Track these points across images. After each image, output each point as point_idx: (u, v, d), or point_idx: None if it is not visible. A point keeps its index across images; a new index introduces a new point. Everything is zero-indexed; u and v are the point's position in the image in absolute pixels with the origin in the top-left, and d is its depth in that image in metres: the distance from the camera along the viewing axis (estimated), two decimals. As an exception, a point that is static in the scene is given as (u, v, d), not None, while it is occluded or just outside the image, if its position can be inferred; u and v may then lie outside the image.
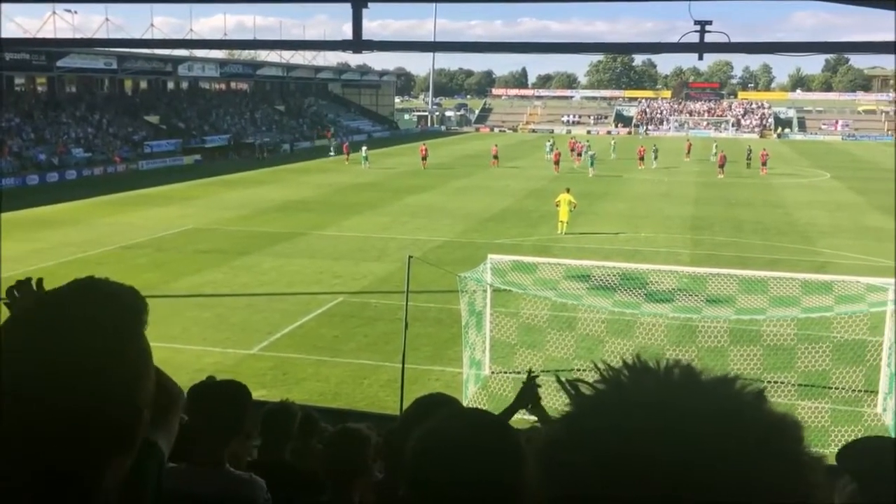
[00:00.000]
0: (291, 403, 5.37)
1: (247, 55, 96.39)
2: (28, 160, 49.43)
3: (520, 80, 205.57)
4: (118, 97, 68.58)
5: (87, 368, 1.21)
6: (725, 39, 8.20)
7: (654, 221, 33.55)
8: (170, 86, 76.36)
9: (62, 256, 25.38)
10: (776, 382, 14.29)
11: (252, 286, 22.40)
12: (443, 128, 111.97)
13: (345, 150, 59.30)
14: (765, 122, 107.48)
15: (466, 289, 15.10)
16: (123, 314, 1.30)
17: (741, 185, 46.71)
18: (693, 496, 0.78)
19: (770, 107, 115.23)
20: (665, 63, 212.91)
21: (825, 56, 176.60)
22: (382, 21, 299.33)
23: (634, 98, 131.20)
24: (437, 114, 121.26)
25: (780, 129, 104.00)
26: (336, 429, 4.21)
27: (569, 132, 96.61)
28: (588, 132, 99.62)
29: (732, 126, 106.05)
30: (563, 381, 0.91)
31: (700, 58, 8.91)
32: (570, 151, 59.79)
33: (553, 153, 55.97)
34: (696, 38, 8.13)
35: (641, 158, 57.01)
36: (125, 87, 71.21)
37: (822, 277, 16.30)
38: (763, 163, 54.54)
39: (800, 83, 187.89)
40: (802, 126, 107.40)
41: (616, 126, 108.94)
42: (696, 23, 8.11)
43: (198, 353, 16.55)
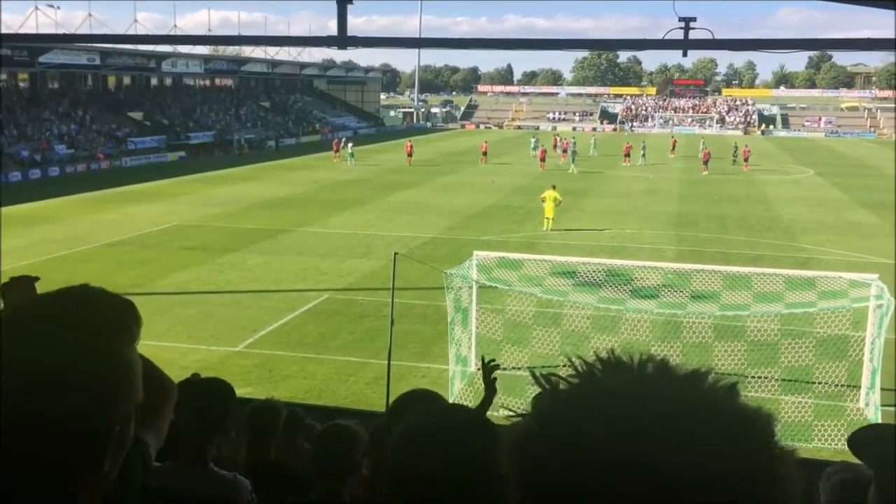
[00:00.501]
0: (276, 401, 5.36)
1: (231, 51, 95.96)
2: (10, 157, 48.99)
3: (505, 77, 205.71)
4: (101, 93, 68.11)
5: (51, 378, 1.17)
6: (709, 36, 8.25)
7: (639, 218, 33.67)
8: (153, 82, 75.91)
9: (46, 254, 25.19)
10: (760, 378, 14.40)
11: (237, 283, 22.32)
12: (428, 124, 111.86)
13: (334, 147, 58.97)
14: (749, 119, 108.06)
15: (452, 285, 15.11)
16: (107, 324, 1.27)
17: (725, 182, 46.94)
18: (664, 487, 0.79)
19: (754, 104, 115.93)
20: (650, 60, 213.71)
21: (809, 53, 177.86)
22: (368, 17, 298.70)
23: (619, 95, 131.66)
24: (423, 110, 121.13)
25: (764, 126, 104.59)
26: (326, 426, 4.20)
27: (554, 129, 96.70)
28: (573, 129, 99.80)
29: (717, 123, 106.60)
30: (538, 376, 0.92)
31: (684, 54, 8.95)
32: (554, 148, 59.89)
33: (538, 150, 56.06)
34: (681, 35, 8.17)
35: (627, 155, 57.07)
36: (108, 84, 70.73)
37: (806, 273, 16.41)
38: (745, 158, 55.03)
39: (783, 80, 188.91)
40: (786, 123, 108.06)
41: (601, 123, 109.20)
42: (681, 20, 8.16)
43: (183, 351, 16.48)
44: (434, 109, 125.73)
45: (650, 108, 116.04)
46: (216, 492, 3.36)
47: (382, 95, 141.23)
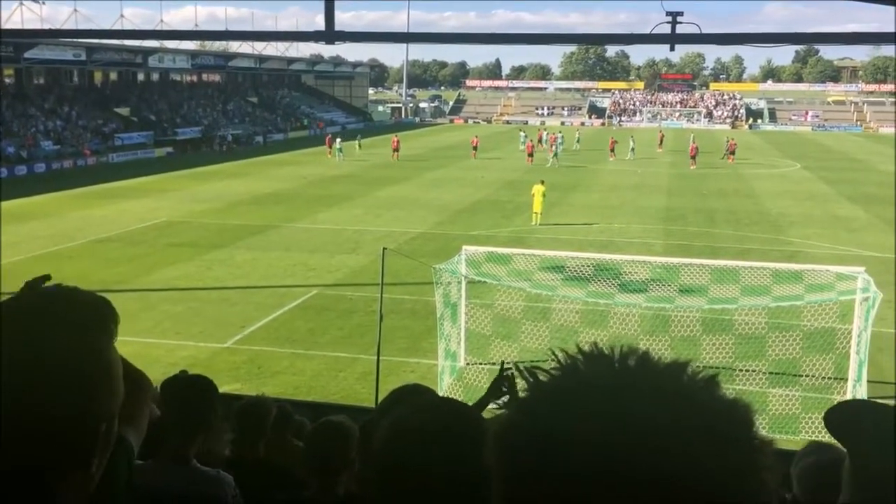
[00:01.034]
0: (266, 398, 5.34)
1: (218, 46, 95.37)
2: (-4, 153, 48.66)
3: (494, 72, 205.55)
4: (87, 89, 67.70)
5: (39, 378, 1.16)
6: (697, 30, 8.26)
7: (628, 212, 33.75)
8: (140, 77, 75.51)
9: (32, 251, 25.04)
10: (748, 371, 14.47)
11: (226, 279, 22.25)
12: (417, 119, 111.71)
13: (327, 143, 58.38)
14: (736, 113, 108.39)
15: (441, 280, 15.10)
16: (85, 323, 1.25)
17: (713, 176, 47.10)
18: (644, 477, 0.80)
19: (741, 98, 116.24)
20: (638, 54, 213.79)
21: (795, 47, 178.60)
22: (356, 12, 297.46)
23: (608, 89, 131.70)
24: (412, 105, 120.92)
25: (752, 120, 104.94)
26: (319, 422, 4.18)
27: (542, 124, 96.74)
28: (562, 123, 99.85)
29: (705, 117, 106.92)
30: (522, 369, 0.93)
31: (672, 49, 8.96)
32: (539, 142, 59.88)
33: (526, 144, 56.15)
34: (668, 30, 8.18)
35: (612, 150, 57.22)
36: (94, 79, 70.32)
37: (793, 267, 16.49)
38: (731, 152, 55.31)
39: (771, 74, 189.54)
40: (773, 117, 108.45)
41: (590, 117, 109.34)
42: (668, 14, 8.16)
43: (171, 348, 16.42)
44: (422, 104, 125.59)
45: (638, 103, 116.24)
46: (199, 489, 3.35)
47: (371, 90, 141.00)
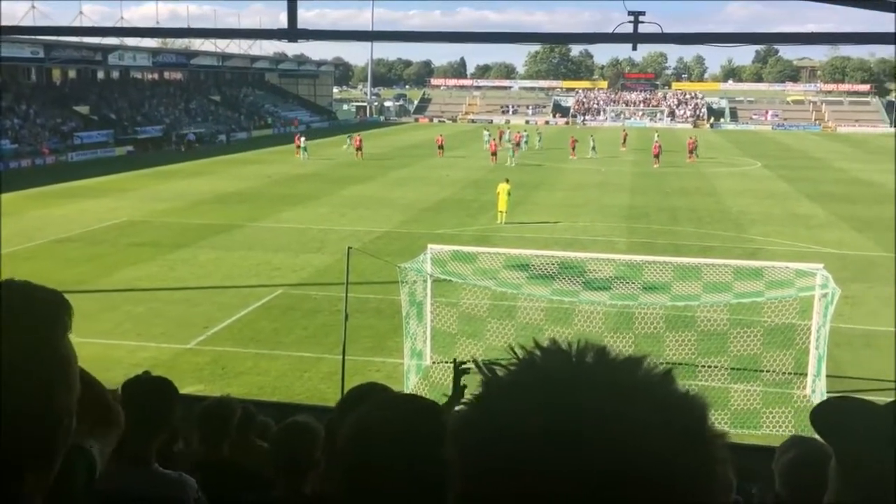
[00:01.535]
0: (230, 399, 5.29)
1: (180, 44, 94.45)
2: (-50, 152, 47.62)
3: (458, 71, 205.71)
4: (46, 87, 66.50)
5: (3, 377, 1.14)
6: (658, 30, 8.34)
7: (592, 210, 34.00)
8: (100, 75, 74.34)
9: (-12, 251, 24.51)
10: (710, 367, 14.65)
11: (188, 279, 22.00)
12: (382, 118, 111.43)
13: (296, 142, 57.39)
14: (698, 113, 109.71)
15: (406, 279, 15.09)
16: (39, 319, 1.23)
17: (676, 175, 47.61)
18: (599, 469, 0.81)
19: (703, 97, 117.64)
20: (601, 54, 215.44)
21: (756, 47, 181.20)
22: (320, 10, 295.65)
23: (572, 88, 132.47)
24: (376, 104, 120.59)
25: (713, 119, 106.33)
26: (285, 423, 4.16)
27: (507, 122, 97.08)
28: (526, 122, 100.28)
29: (667, 116, 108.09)
30: (480, 365, 0.94)
31: (634, 48, 9.04)
32: (499, 139, 59.86)
33: (490, 143, 56.34)
34: (630, 29, 8.25)
35: (573, 149, 57.64)
36: (53, 77, 69.07)
37: (754, 264, 16.75)
38: (691, 150, 56.10)
39: (732, 74, 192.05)
40: (734, 116, 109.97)
41: (554, 116, 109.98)
42: (630, 13, 8.23)
43: (132, 349, 16.21)
44: (387, 103, 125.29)
45: (602, 102, 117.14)
46: (160, 492, 3.31)
47: (335, 89, 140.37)
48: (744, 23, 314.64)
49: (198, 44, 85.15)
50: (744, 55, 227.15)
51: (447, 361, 15.25)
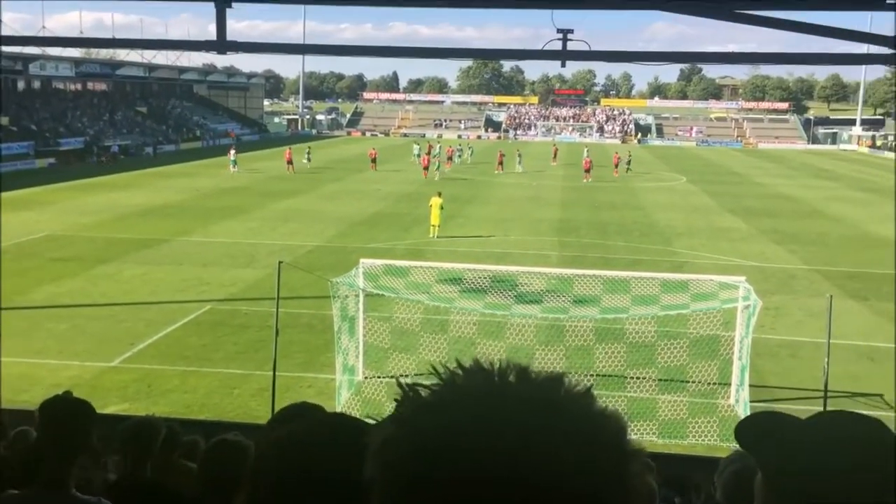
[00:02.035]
0: (154, 418, 5.16)
1: (105, 54, 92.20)
2: None
3: (391, 85, 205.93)
4: (-38, 96, 64.14)
5: None
6: (586, 48, 8.50)
7: (523, 224, 34.35)
8: (20, 85, 72.03)
9: None
10: (638, 378, 14.92)
11: (113, 295, 21.40)
12: (314, 131, 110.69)
13: (230, 154, 55.66)
14: (626, 128, 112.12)
15: (339, 294, 14.97)
16: None
17: (605, 189, 48.51)
18: (519, 483, 0.82)
19: (631, 113, 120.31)
20: (532, 70, 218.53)
21: (680, 66, 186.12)
22: (251, 22, 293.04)
23: (504, 103, 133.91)
24: (308, 117, 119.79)
25: (640, 135, 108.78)
26: (213, 441, 4.08)
27: (440, 136, 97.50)
28: (459, 136, 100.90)
29: (596, 132, 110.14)
30: (403, 385, 0.95)
31: (563, 65, 9.19)
32: (428, 153, 59.83)
33: (421, 158, 56.51)
34: (560, 46, 8.38)
35: (500, 163, 58.16)
36: (-30, 86, 66.68)
37: (680, 276, 17.14)
38: (616, 165, 57.43)
39: (658, 91, 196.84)
40: (660, 132, 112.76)
41: (486, 131, 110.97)
42: (559, 31, 8.37)
43: (54, 368, 15.67)
44: (319, 116, 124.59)
45: (533, 117, 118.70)
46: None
47: (266, 102, 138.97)
48: (670, 41, 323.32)
49: (123, 54, 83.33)
50: (669, 73, 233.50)
51: (379, 376, 15.19)
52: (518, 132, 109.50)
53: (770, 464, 1.68)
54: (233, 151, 55.75)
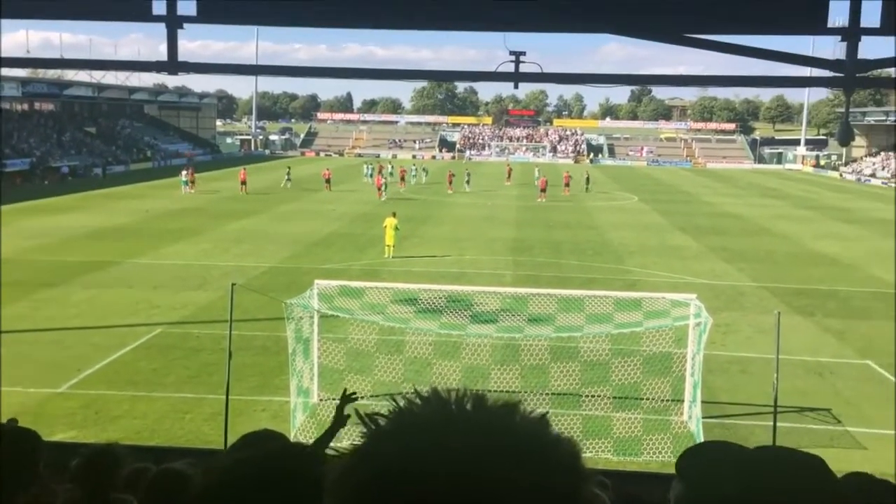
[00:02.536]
0: (116, 445, 5.02)
1: (53, 74, 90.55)
2: None
3: (345, 105, 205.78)
4: None
5: None
6: (538, 69, 8.59)
7: (478, 244, 34.46)
8: (-37, 105, 70.39)
9: None
10: (593, 396, 15.00)
11: (59, 320, 20.90)
12: (267, 152, 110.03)
13: (189, 176, 55.07)
14: (578, 148, 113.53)
15: (293, 315, 14.83)
16: None
17: (559, 209, 48.96)
18: None
19: (583, 133, 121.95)
20: (486, 91, 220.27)
21: (631, 87, 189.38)
22: (203, 41, 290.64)
23: (458, 123, 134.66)
24: (261, 137, 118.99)
25: (593, 155, 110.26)
26: (157, 471, 3.98)
27: (394, 156, 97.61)
28: (413, 156, 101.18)
29: (549, 152, 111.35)
30: (362, 415, 0.97)
31: (516, 86, 9.26)
32: (379, 172, 59.71)
33: (375, 178, 56.62)
34: (512, 68, 8.46)
35: (450, 183, 58.70)
36: (-90, 106, 64.95)
37: (633, 295, 17.33)
38: (566, 184, 58.36)
39: (609, 112, 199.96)
40: (612, 152, 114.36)
41: (440, 151, 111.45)
42: (512, 53, 8.45)
43: (-3, 395, 15.20)
44: (273, 137, 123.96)
45: (487, 137, 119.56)
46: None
47: (218, 122, 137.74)
48: (620, 63, 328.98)
49: (71, 74, 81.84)
50: (620, 94, 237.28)
51: (335, 398, 15.04)
52: (472, 152, 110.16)
53: (702, 497, 1.69)
54: (184, 172, 55.15)
